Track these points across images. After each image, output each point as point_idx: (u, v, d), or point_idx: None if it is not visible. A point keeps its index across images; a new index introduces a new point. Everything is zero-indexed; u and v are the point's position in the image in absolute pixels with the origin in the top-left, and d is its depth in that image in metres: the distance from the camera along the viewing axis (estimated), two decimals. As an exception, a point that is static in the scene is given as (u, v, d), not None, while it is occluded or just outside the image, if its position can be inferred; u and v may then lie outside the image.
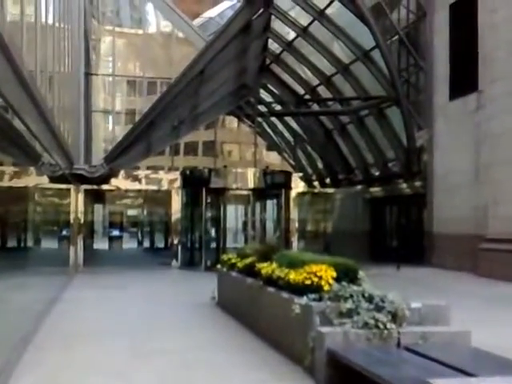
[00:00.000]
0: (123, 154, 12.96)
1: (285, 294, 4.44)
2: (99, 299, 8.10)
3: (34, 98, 6.26)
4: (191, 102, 13.60)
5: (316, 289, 4.08)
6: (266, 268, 5.27)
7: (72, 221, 13.61)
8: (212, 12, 17.86)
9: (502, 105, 13.27)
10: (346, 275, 4.29)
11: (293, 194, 14.81)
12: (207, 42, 12.19)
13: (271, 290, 4.88)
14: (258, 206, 14.95)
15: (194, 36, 14.60)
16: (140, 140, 13.16)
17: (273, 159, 20.29)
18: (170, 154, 18.84)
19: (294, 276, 4.50)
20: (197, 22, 16.09)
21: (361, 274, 4.34)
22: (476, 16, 14.76)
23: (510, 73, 13.18)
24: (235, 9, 11.97)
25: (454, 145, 14.73)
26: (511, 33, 13.11)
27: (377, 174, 14.32)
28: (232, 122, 21.79)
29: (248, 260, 6.21)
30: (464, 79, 15.33)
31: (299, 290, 4.23)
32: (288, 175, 14.76)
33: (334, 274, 4.26)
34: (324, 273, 4.25)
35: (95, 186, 14.97)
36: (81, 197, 13.69)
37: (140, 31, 18.06)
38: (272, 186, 14.34)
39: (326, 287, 4.07)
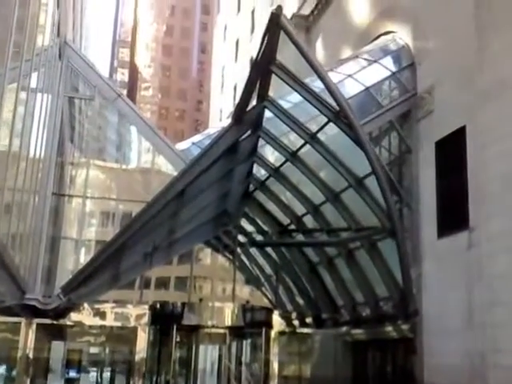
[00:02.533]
0: (85, 283, 11.16)
1: None
2: None
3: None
4: (167, 227, 12.14)
5: None
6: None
7: (19, 359, 11.39)
8: (195, 138, 17.02)
9: (501, 244, 12.07)
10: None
11: (273, 333, 12.93)
12: (190, 161, 11.00)
13: None
14: (234, 346, 12.94)
15: (175, 160, 13.46)
16: (106, 268, 11.47)
17: (248, 294, 18.51)
18: (140, 287, 16.90)
19: None
20: (178, 146, 15.13)
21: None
22: (464, 152, 14.12)
23: (506, 209, 12.15)
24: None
25: (444, 285, 13.38)
26: (506, 168, 12.27)
27: (366, 313, 12.57)
28: (207, 255, 20.21)
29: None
30: (453, 216, 14.38)
31: None
32: (269, 312, 13.01)
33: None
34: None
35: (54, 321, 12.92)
36: (32, 332, 11.57)
37: (119, 165, 16.86)
38: (252, 324, 12.50)
39: None
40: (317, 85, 10.68)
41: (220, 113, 41.35)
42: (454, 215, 14.12)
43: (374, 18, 19.26)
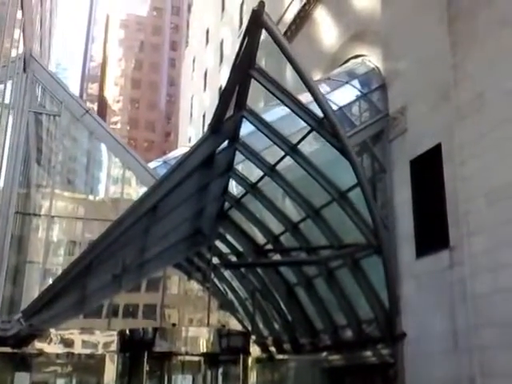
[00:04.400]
0: (48, 307, 9.85)
1: None
2: None
3: None
4: (138, 246, 10.95)
5: None
6: None
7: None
8: (167, 157, 15.94)
9: (484, 262, 11.28)
10: None
11: (250, 360, 11.73)
12: (164, 174, 9.94)
13: None
14: (209, 375, 11.65)
15: (146, 178, 12.36)
16: (71, 290, 10.18)
17: (221, 320, 17.28)
18: (107, 315, 15.53)
19: None
20: (151, 165, 14.00)
21: None
22: (441, 170, 13.43)
23: (489, 227, 11.40)
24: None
25: (425, 307, 12.47)
26: (487, 184, 11.58)
27: (348, 337, 11.51)
28: (177, 281, 18.96)
29: None
30: (432, 235, 13.59)
31: None
32: (246, 337, 11.81)
33: None
34: None
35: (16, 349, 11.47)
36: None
37: (87, 196, 15.55)
38: (228, 351, 11.25)
39: None
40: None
41: (189, 142, 40.45)
42: (432, 234, 13.35)
43: (343, 42, 18.80)
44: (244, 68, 8.67)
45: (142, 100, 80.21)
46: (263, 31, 8.40)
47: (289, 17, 23.18)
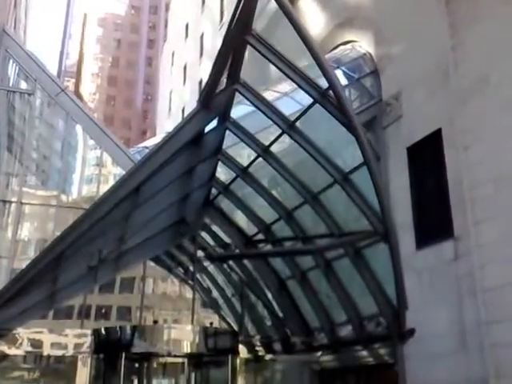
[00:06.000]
0: (13, 303, 8.53)
1: None
2: None
3: None
4: (117, 234, 9.70)
5: None
6: None
7: None
8: (148, 142, 14.67)
9: (494, 252, 10.33)
10: None
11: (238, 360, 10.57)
12: (148, 151, 8.74)
13: None
14: (194, 378, 10.44)
15: (125, 161, 11.10)
16: (40, 283, 8.88)
17: (205, 317, 16.09)
18: (79, 316, 14.22)
19: None
20: (131, 150, 12.77)
21: None
22: (442, 156, 12.50)
23: (499, 213, 10.45)
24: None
25: (428, 302, 11.53)
26: (497, 168, 10.63)
27: (348, 335, 10.43)
28: (151, 280, 17.66)
29: None
30: (434, 225, 12.63)
31: None
32: (234, 336, 10.64)
33: None
34: None
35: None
36: None
37: (59, 193, 14.19)
38: (215, 351, 10.07)
39: None
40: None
41: (167, 137, 39.13)
42: (434, 224, 12.43)
43: (331, 29, 17.84)
44: (239, 34, 7.53)
45: (119, 97, 78.35)
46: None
47: (273, 5, 22.18)
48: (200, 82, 32.32)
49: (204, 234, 12.60)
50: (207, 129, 8.87)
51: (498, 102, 11.06)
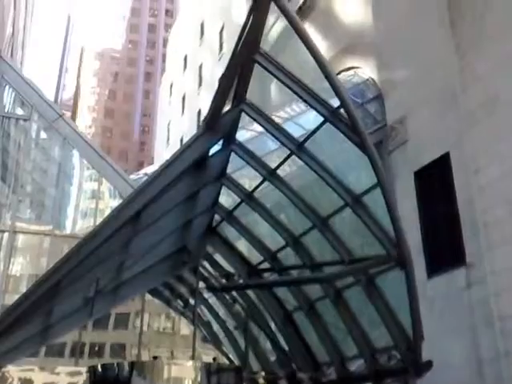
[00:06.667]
0: (4, 338, 8.03)
1: None
2: None
3: None
4: (115, 264, 9.25)
5: None
6: None
7: None
8: (148, 169, 14.36)
9: (511, 278, 9.90)
10: None
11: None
12: (150, 175, 8.39)
13: None
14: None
15: (124, 188, 10.73)
16: (33, 317, 8.39)
17: (203, 352, 15.48)
18: (72, 354, 13.73)
19: None
20: (131, 178, 12.40)
21: None
22: (451, 180, 12.21)
23: (516, 237, 10.04)
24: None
25: (439, 332, 11.04)
26: (510, 190, 10.30)
27: (359, 370, 9.88)
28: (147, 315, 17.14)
29: None
30: (445, 252, 12.26)
31: None
32: (239, 373, 10.05)
33: None
34: None
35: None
36: None
37: (52, 230, 13.83)
38: (219, 388, 9.47)
39: None
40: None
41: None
42: (445, 250, 12.07)
43: (333, 56, 17.75)
44: (247, 52, 7.27)
45: (115, 129, 78.54)
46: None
47: (275, 32, 22.22)
48: (199, 112, 32.36)
49: (205, 263, 12.14)
50: (211, 151, 8.56)
51: (508, 122, 10.84)
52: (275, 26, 21.35)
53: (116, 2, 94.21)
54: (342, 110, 7.30)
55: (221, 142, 8.71)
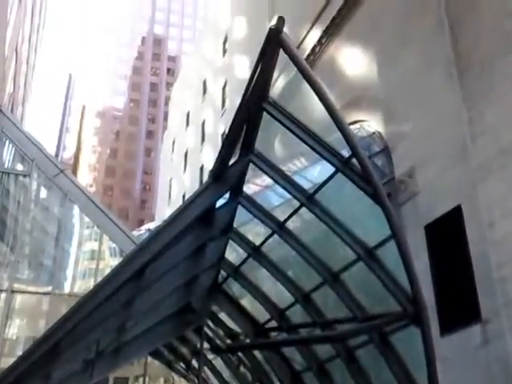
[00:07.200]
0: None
1: None
2: None
3: None
4: (116, 324, 8.96)
5: None
6: None
7: None
8: (150, 225, 14.23)
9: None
10: None
11: None
12: (154, 229, 8.26)
13: None
14: None
15: (126, 243, 10.58)
16: (29, 380, 8.04)
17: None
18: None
19: None
20: (134, 234, 12.25)
21: None
22: (464, 234, 12.04)
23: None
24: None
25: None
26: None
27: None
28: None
29: None
30: (458, 308, 11.94)
31: None
32: None
33: None
34: None
35: None
36: None
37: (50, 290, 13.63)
38: None
39: None
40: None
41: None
42: (459, 307, 11.74)
43: (338, 108, 17.93)
44: (256, 101, 7.30)
45: (116, 187, 79.02)
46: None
47: (276, 91, 22.64)
48: (201, 168, 32.57)
49: (210, 322, 11.81)
50: (218, 204, 8.47)
51: (523, 174, 10.79)
52: (277, 81, 21.81)
53: (118, 60, 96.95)
54: (353, 160, 7.26)
55: (227, 195, 8.64)
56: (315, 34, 20.97)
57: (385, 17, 16.69)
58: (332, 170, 7.92)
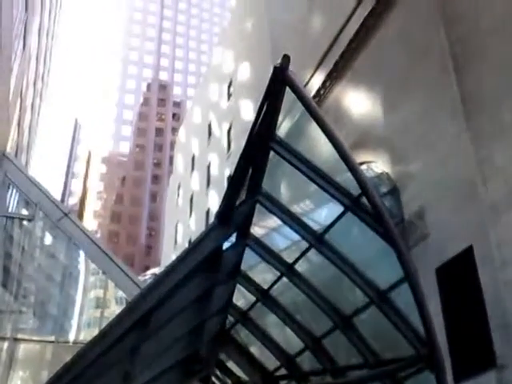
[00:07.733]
0: None
1: None
2: None
3: None
4: (120, 373, 8.70)
5: None
6: None
7: None
8: (156, 270, 14.06)
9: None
10: None
11: None
12: (159, 274, 8.13)
13: None
14: None
15: (132, 289, 10.43)
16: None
17: None
18: None
19: None
20: (139, 279, 12.12)
21: None
22: (476, 276, 11.84)
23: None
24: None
25: None
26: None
27: None
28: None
29: None
30: (472, 354, 11.61)
31: None
32: None
33: None
34: None
35: None
36: None
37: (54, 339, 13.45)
38: None
39: None
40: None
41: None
42: (473, 353, 11.42)
43: (344, 151, 18.00)
44: (262, 140, 7.30)
45: (122, 233, 78.97)
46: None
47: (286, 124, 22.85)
48: (207, 212, 32.55)
49: (218, 371, 11.51)
50: (224, 246, 8.37)
51: (534, 213, 10.67)
52: (281, 127, 21.95)
53: (123, 106, 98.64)
54: (363, 199, 7.18)
55: (234, 237, 8.54)
56: (319, 78, 21.25)
57: (388, 59, 16.93)
58: (340, 211, 7.84)
